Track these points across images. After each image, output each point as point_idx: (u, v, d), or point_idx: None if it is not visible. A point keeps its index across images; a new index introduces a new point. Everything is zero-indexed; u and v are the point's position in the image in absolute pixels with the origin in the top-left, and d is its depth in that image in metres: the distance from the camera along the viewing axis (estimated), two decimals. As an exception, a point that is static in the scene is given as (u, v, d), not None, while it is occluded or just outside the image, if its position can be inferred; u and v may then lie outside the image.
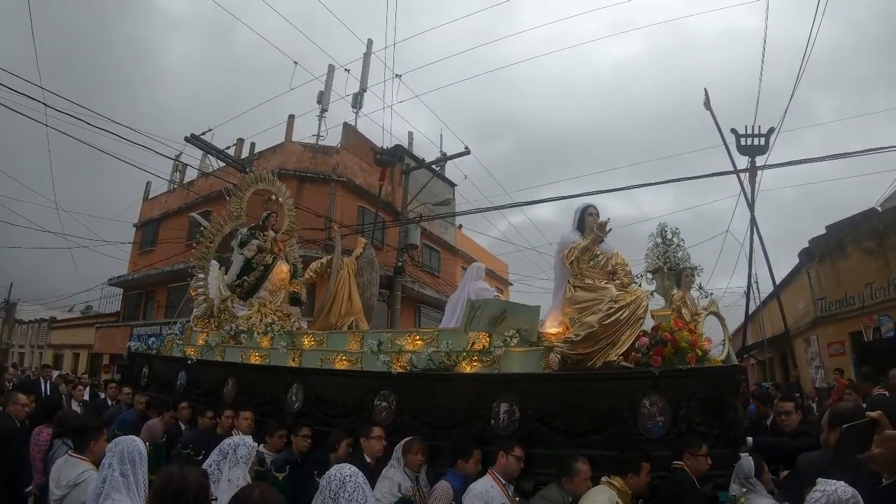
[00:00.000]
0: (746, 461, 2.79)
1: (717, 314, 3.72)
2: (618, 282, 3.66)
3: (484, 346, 3.75)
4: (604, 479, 2.81)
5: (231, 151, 15.70)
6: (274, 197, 6.84)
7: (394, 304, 12.58)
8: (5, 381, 7.29)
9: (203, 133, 13.39)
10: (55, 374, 9.93)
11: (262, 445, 4.12)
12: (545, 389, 3.38)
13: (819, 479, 1.70)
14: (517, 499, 3.07)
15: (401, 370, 4.01)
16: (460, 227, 21.94)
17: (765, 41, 7.64)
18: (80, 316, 25.45)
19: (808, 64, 7.44)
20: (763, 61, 7.73)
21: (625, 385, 3.17)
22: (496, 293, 5.10)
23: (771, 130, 8.33)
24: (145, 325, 16.11)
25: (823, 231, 13.42)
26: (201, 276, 6.16)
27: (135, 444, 2.09)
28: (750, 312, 11.93)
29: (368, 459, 3.47)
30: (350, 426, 3.92)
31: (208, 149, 13.54)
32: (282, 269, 6.37)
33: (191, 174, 18.05)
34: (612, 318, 3.25)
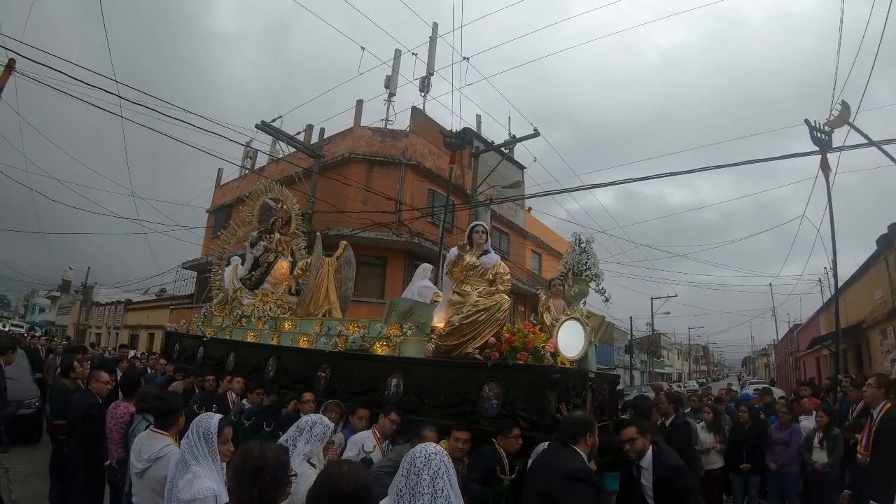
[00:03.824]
0: (540, 445, 3.34)
1: (578, 320, 4.43)
2: (493, 288, 4.49)
3: (391, 335, 4.78)
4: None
5: (300, 137, 16.18)
6: (280, 204, 8.24)
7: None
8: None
9: (273, 120, 14.08)
10: (130, 353, 11.29)
11: (244, 399, 5.57)
12: (420, 371, 4.36)
13: None
14: (391, 448, 4.09)
15: (335, 350, 5.16)
16: (529, 209, 21.49)
17: (841, 27, 7.52)
18: (155, 298, 26.71)
19: (869, 46, 7.38)
20: (839, 47, 7.66)
21: (471, 372, 4.03)
22: (436, 291, 6.05)
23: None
24: (218, 305, 18.04)
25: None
26: (219, 271, 7.72)
27: (211, 421, 2.13)
28: (827, 300, 11.44)
29: (302, 417, 4.71)
30: (301, 390, 5.16)
31: (278, 135, 14.12)
32: (282, 266, 7.76)
33: (261, 160, 19.25)
34: (471, 318, 4.13)
